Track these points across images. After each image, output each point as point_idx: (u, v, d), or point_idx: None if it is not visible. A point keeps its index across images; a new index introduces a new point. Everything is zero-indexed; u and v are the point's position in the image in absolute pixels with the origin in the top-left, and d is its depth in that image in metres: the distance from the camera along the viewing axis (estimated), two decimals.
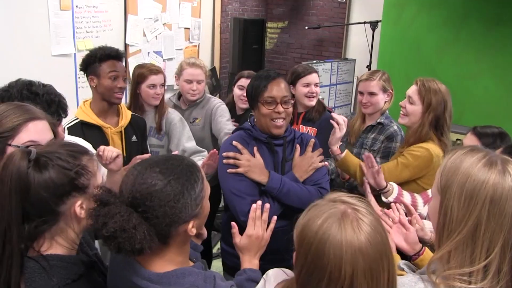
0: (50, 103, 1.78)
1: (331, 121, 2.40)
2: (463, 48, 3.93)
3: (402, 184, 2.31)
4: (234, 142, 2.06)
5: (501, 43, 3.72)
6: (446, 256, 1.14)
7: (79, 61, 3.36)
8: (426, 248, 1.71)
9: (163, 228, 1.13)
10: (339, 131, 2.37)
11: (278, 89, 2.01)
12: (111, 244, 1.07)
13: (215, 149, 2.35)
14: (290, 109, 2.05)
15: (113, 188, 1.17)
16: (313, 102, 2.89)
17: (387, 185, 2.23)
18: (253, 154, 2.05)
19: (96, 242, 1.86)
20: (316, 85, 2.89)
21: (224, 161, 2.03)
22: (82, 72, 2.45)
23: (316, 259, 1.02)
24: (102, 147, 1.91)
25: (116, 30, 3.80)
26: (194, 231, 1.20)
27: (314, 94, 2.87)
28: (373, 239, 1.02)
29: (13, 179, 1.11)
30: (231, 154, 2.03)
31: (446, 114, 2.34)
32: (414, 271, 1.28)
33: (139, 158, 1.93)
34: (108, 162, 1.91)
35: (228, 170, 2.01)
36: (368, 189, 1.92)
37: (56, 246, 1.20)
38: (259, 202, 1.70)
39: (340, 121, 2.37)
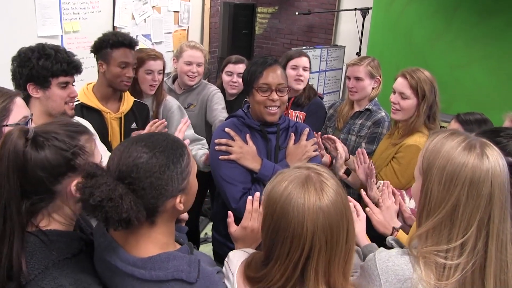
0: (69, 62, 1.92)
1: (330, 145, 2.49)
2: (454, 38, 3.95)
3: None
4: (227, 129, 2.03)
5: (491, 34, 3.74)
6: (424, 235, 1.21)
7: (66, 43, 3.35)
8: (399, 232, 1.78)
9: (150, 201, 1.15)
10: (340, 158, 2.45)
11: (274, 76, 1.98)
12: (99, 214, 1.09)
13: None
14: (285, 97, 2.02)
15: None
16: (300, 86, 2.89)
17: (377, 182, 2.24)
18: (245, 141, 2.02)
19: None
20: (305, 69, 2.89)
21: (216, 147, 2.01)
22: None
23: (281, 218, 1.12)
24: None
25: (104, 12, 3.72)
26: (181, 206, 1.21)
27: (302, 78, 2.86)
28: (334, 199, 1.13)
29: (11, 157, 1.12)
30: (223, 140, 2.00)
31: (437, 99, 2.35)
32: (402, 247, 1.33)
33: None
34: None
35: (220, 157, 1.98)
36: (367, 199, 1.91)
37: (53, 223, 1.22)
38: (257, 194, 1.67)
39: (340, 150, 2.45)
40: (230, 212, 1.69)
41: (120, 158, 1.15)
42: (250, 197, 1.67)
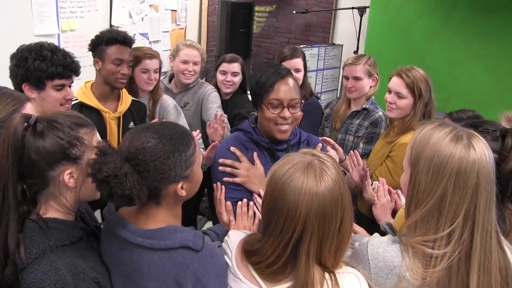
0: (65, 65, 1.91)
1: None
2: (452, 36, 3.95)
3: None
4: (232, 148, 1.85)
5: (490, 31, 3.74)
6: (413, 226, 1.25)
7: (62, 41, 3.34)
8: None
9: (153, 183, 1.24)
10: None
11: (286, 90, 1.77)
12: (104, 188, 1.19)
13: (216, 142, 2.32)
14: (298, 113, 1.84)
15: None
16: None
17: (372, 182, 2.23)
18: (252, 161, 1.86)
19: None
20: (297, 70, 2.86)
21: (220, 168, 1.83)
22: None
23: (279, 198, 1.18)
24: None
25: (102, 11, 3.71)
26: (183, 192, 1.30)
27: None
28: (331, 188, 1.17)
29: (10, 140, 1.19)
30: (228, 161, 1.83)
31: (432, 97, 2.35)
32: (395, 233, 1.37)
33: None
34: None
35: (224, 179, 1.82)
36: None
37: (51, 210, 1.29)
38: (245, 200, 1.70)
39: (333, 153, 2.35)
40: (228, 202, 1.71)
41: (131, 141, 1.25)
42: (239, 202, 1.69)
